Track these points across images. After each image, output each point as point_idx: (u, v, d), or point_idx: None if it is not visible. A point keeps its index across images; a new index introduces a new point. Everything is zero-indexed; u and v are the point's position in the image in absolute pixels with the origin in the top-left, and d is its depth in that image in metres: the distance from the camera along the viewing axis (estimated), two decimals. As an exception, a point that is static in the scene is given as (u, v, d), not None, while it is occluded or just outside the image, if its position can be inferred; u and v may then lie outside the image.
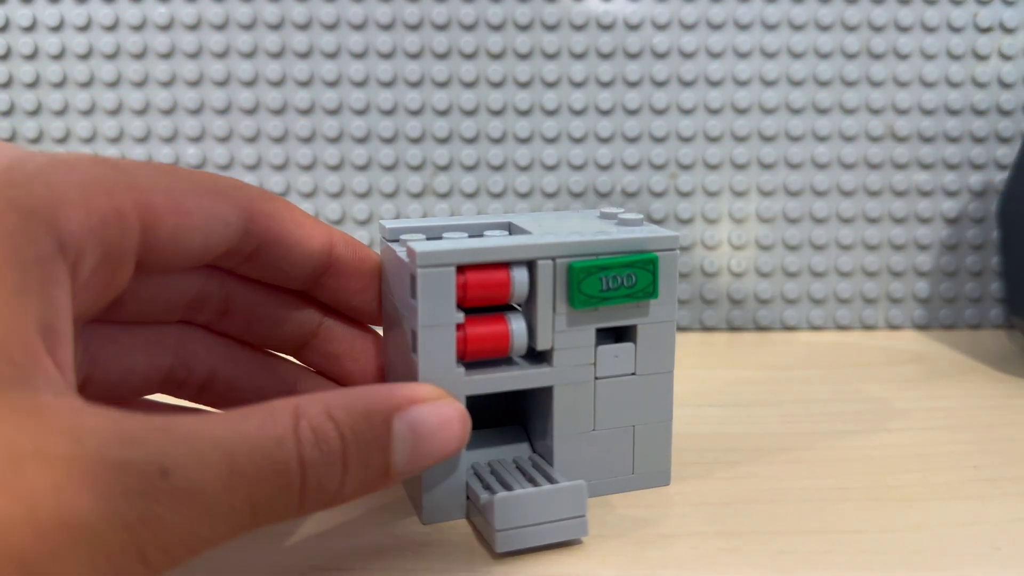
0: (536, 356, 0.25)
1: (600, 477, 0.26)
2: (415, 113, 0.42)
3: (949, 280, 0.44)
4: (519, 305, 0.25)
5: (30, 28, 0.41)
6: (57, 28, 0.41)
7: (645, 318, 0.25)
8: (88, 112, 0.42)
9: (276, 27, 0.41)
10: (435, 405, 0.22)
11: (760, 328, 0.44)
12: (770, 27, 0.42)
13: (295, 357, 0.27)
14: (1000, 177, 0.43)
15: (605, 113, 0.42)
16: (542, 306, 0.24)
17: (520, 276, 0.24)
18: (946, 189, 0.43)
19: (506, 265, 0.24)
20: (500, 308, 0.25)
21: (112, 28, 0.41)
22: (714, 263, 0.44)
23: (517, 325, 0.24)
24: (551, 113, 0.42)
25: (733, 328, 0.44)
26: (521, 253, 0.24)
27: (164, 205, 0.20)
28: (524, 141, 0.42)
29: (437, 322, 0.23)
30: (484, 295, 0.24)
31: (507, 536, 0.22)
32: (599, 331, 0.25)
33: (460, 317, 0.23)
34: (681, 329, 0.44)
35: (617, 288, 0.24)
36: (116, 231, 0.19)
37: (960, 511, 0.25)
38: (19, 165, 0.19)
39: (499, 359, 0.25)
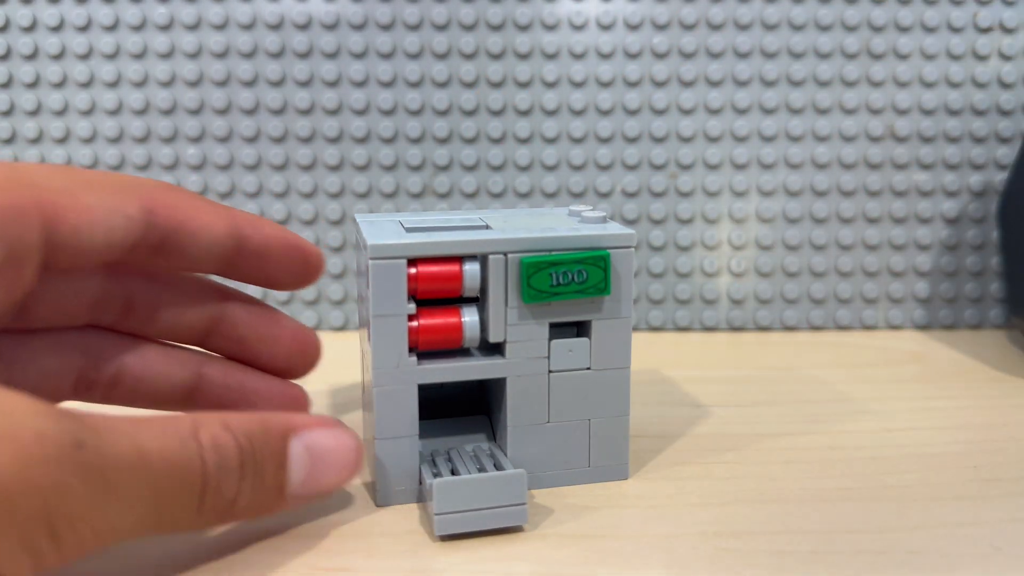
0: (492, 348, 0.26)
1: (555, 469, 0.26)
2: (415, 113, 0.42)
3: (949, 280, 0.44)
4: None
5: (30, 28, 0.41)
6: (57, 28, 0.41)
7: (599, 314, 0.26)
8: (88, 112, 0.42)
9: (276, 27, 0.41)
10: (332, 430, 0.23)
11: (760, 328, 0.44)
12: (770, 27, 0.42)
13: (203, 346, 0.27)
14: (1000, 177, 0.43)
15: (605, 113, 0.42)
16: (494, 300, 0.25)
17: (471, 270, 0.25)
18: (946, 189, 0.43)
19: (459, 259, 0.25)
20: (461, 300, 0.26)
21: (112, 28, 0.41)
22: (714, 263, 0.44)
23: (470, 317, 0.25)
24: (551, 113, 0.42)
25: (733, 328, 0.44)
26: (471, 248, 0.25)
27: (64, 202, 0.21)
28: (524, 141, 0.42)
29: (388, 312, 0.24)
30: (436, 287, 0.25)
31: (446, 520, 0.23)
32: (558, 326, 0.26)
33: (411, 308, 0.25)
34: (681, 329, 0.44)
35: (567, 284, 0.25)
36: (17, 227, 0.20)
37: (960, 511, 0.25)
38: None
39: (455, 350, 0.26)
